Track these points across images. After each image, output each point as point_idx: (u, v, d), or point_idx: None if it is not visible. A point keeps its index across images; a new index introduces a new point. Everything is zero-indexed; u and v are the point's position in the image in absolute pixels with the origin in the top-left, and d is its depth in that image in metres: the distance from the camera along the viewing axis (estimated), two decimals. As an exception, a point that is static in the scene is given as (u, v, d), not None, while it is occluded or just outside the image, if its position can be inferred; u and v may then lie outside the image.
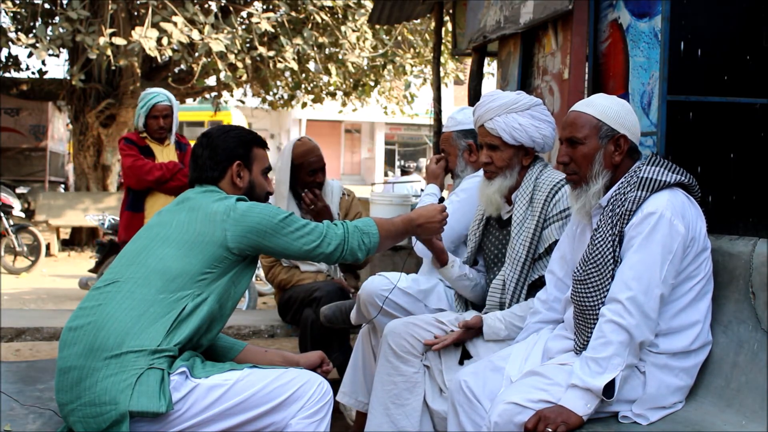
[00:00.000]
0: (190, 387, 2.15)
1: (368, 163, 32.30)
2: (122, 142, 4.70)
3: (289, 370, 2.29)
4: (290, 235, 2.32)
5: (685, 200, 2.25)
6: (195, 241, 2.27)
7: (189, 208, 2.35)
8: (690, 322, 2.24)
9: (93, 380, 2.10)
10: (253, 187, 2.48)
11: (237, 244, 2.29)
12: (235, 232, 2.28)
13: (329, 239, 2.35)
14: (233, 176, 2.44)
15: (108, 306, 2.19)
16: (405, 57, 12.59)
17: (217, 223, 2.28)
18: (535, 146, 2.76)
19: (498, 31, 4.23)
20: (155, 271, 2.24)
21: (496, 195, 2.79)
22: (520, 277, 2.73)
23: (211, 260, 2.27)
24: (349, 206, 4.13)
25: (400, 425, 2.71)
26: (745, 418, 2.12)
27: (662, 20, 2.95)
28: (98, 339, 2.14)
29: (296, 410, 2.22)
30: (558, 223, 2.69)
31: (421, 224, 2.56)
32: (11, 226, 9.80)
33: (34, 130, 15.38)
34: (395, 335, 2.75)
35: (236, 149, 2.44)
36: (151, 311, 2.18)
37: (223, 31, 9.73)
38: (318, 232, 2.36)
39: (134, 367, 2.10)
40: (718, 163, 2.98)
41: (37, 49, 9.32)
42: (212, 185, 2.43)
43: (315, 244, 2.34)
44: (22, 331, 4.16)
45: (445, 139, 3.36)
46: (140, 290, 2.21)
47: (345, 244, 2.37)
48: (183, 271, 2.24)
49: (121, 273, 2.28)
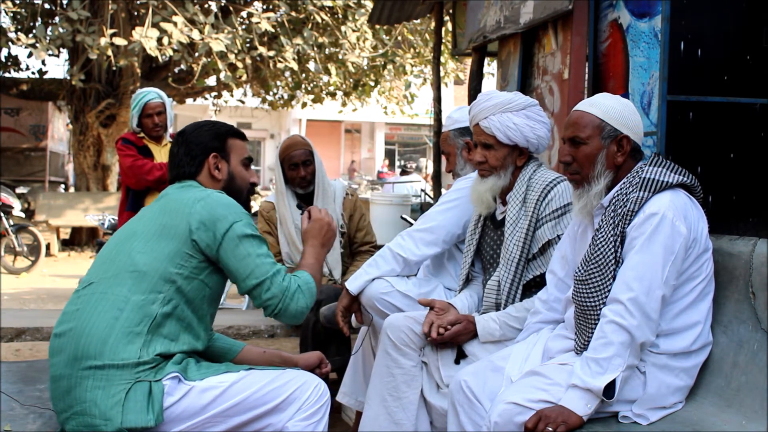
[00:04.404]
0: (184, 390, 2.14)
1: (368, 163, 32.28)
2: (120, 142, 4.71)
3: (285, 372, 2.27)
4: (246, 254, 2.22)
5: (687, 201, 2.25)
6: (161, 233, 2.23)
7: (163, 203, 2.32)
8: (691, 322, 2.24)
9: (81, 390, 2.09)
10: (232, 178, 2.43)
11: (198, 237, 2.21)
12: (199, 223, 2.21)
13: (275, 285, 2.23)
14: (210, 169, 2.39)
15: (85, 310, 2.18)
16: (405, 57, 12.59)
17: (183, 215, 2.23)
18: (529, 146, 2.75)
19: (498, 31, 4.23)
20: (125, 268, 2.20)
21: (487, 194, 2.78)
22: (515, 278, 2.73)
23: (177, 256, 2.20)
24: (353, 206, 4.11)
25: (396, 418, 2.72)
26: (745, 418, 2.12)
27: (662, 20, 2.95)
28: (79, 347, 2.12)
29: (293, 412, 2.20)
30: (551, 223, 2.69)
31: (320, 239, 2.46)
32: (11, 226, 9.80)
33: (34, 130, 15.38)
34: (395, 328, 2.76)
35: (211, 142, 2.40)
36: (124, 316, 2.14)
37: (223, 31, 9.74)
38: (272, 270, 2.24)
39: (121, 381, 2.09)
40: (718, 163, 2.98)
41: (37, 49, 9.32)
42: (191, 180, 2.39)
43: (262, 279, 2.22)
44: (22, 331, 4.17)
45: (443, 139, 3.36)
46: (113, 290, 2.18)
47: (282, 303, 2.23)
48: (151, 267, 2.19)
49: (96, 274, 2.26)
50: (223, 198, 2.29)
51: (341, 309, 3.02)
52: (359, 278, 3.01)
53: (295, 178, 3.90)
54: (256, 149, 32.69)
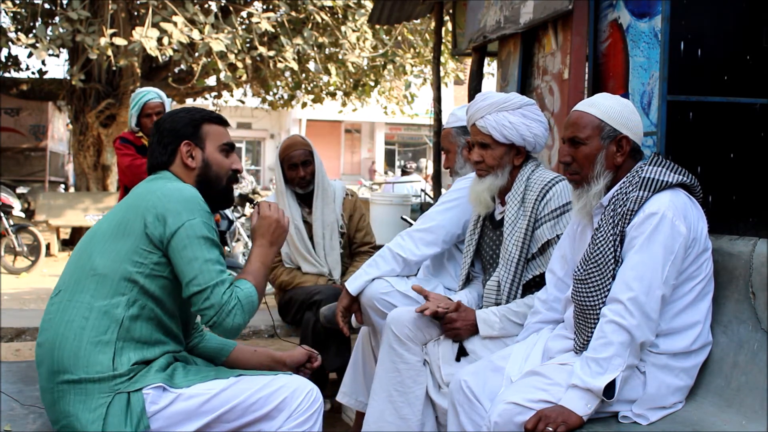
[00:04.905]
0: (170, 398, 2.07)
1: (368, 163, 32.30)
2: (118, 141, 4.71)
3: (277, 378, 2.19)
4: (193, 257, 2.08)
5: (686, 201, 2.25)
6: (118, 231, 2.13)
7: (127, 198, 2.22)
8: (690, 322, 2.24)
9: (65, 403, 2.06)
10: (208, 165, 2.29)
11: (151, 231, 2.09)
12: (153, 216, 2.09)
13: (215, 296, 2.08)
14: (183, 157, 2.27)
15: (54, 321, 2.11)
16: (405, 57, 12.59)
17: (140, 209, 2.12)
18: (526, 145, 2.76)
19: (498, 31, 4.23)
20: (86, 273, 2.12)
21: (485, 193, 2.79)
22: (515, 278, 2.73)
23: (135, 253, 2.09)
24: (353, 207, 4.11)
25: (402, 413, 2.71)
26: (746, 418, 2.12)
27: (662, 20, 2.95)
28: (54, 361, 2.08)
29: (284, 419, 2.14)
30: (550, 223, 2.69)
31: (268, 237, 2.30)
32: (11, 226, 9.80)
33: (34, 130, 15.38)
34: (399, 323, 2.76)
35: (183, 129, 2.28)
36: (90, 325, 2.07)
37: (223, 31, 9.74)
38: (217, 279, 2.09)
39: (101, 395, 2.04)
40: (718, 163, 2.98)
41: (37, 49, 9.32)
42: (164, 170, 2.29)
43: (204, 287, 2.08)
44: (22, 331, 4.17)
45: (445, 136, 3.35)
46: (77, 298, 2.10)
47: (218, 316, 2.09)
48: (110, 269, 2.09)
49: (63, 280, 2.19)
50: (185, 192, 2.15)
51: (341, 309, 3.02)
52: (359, 278, 3.01)
53: (295, 178, 3.90)
54: (256, 149, 32.70)
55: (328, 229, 3.96)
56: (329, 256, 3.96)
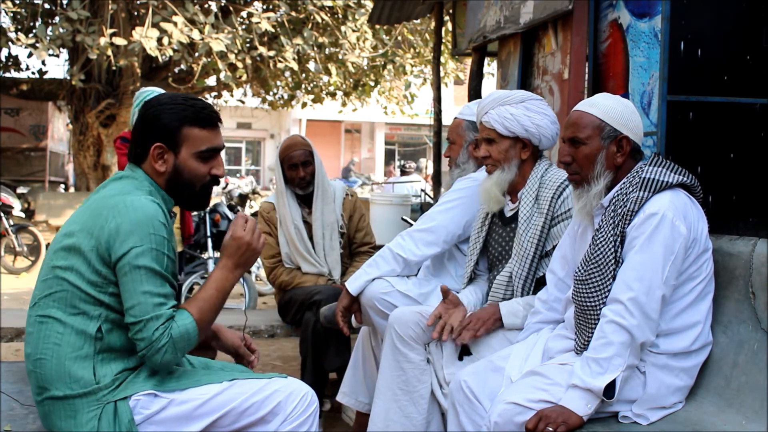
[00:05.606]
0: (162, 404, 2.05)
1: (368, 163, 32.29)
2: (118, 141, 4.70)
3: (271, 381, 2.16)
4: (132, 288, 1.99)
5: (687, 201, 2.25)
6: (73, 246, 2.04)
7: (91, 201, 2.13)
8: (691, 322, 2.24)
9: (56, 418, 2.04)
10: (178, 172, 2.15)
11: (101, 252, 2.01)
12: (107, 236, 2.00)
13: (147, 331, 1.98)
14: (153, 159, 2.15)
15: (33, 335, 2.07)
16: (405, 57, 12.60)
17: (96, 227, 2.02)
18: (530, 138, 2.77)
19: (498, 31, 4.23)
20: (52, 287, 2.05)
21: (494, 188, 2.79)
22: (529, 273, 2.74)
23: (90, 272, 2.02)
24: (353, 207, 4.11)
25: (407, 411, 2.72)
26: (746, 418, 2.12)
27: (662, 20, 2.95)
28: (38, 377, 2.06)
29: (279, 423, 2.12)
30: (565, 222, 2.71)
31: (234, 259, 2.16)
32: (11, 226, 9.80)
33: (34, 130, 15.41)
34: (402, 323, 2.76)
35: (161, 128, 2.13)
36: (66, 341, 2.02)
37: (223, 31, 9.74)
38: (151, 314, 1.99)
39: (89, 409, 2.02)
40: (718, 163, 2.98)
41: (37, 49, 9.33)
42: (136, 165, 2.20)
43: (138, 319, 1.99)
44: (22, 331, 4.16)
45: (454, 126, 3.30)
46: (49, 312, 2.05)
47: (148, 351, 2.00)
48: (72, 289, 2.03)
49: (37, 291, 2.12)
50: (140, 212, 2.02)
51: (341, 309, 3.02)
52: (359, 278, 3.01)
53: (295, 178, 3.90)
54: (256, 149, 32.70)
55: (328, 230, 3.97)
56: (329, 256, 3.96)
